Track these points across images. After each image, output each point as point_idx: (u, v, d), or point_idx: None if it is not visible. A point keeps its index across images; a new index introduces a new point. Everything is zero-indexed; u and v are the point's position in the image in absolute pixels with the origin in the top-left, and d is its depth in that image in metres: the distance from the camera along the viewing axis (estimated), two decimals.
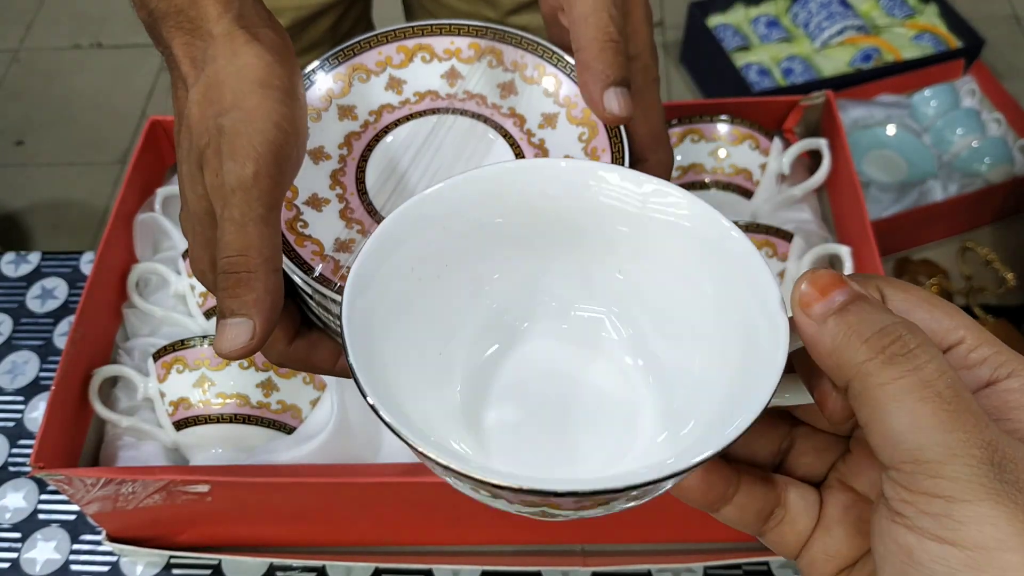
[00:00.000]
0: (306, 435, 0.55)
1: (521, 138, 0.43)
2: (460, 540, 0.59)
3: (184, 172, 0.35)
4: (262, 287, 0.32)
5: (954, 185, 1.29)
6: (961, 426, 0.22)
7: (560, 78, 0.44)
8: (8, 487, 0.64)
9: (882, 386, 0.23)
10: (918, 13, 1.58)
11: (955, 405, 0.22)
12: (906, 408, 0.23)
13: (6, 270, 0.75)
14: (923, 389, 0.23)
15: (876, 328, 0.24)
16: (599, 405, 0.32)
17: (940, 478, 0.22)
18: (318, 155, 0.41)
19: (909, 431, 0.22)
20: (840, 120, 0.67)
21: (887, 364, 0.23)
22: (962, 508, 0.22)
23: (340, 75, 0.43)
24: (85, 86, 1.83)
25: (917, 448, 0.22)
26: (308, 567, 0.59)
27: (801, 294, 0.25)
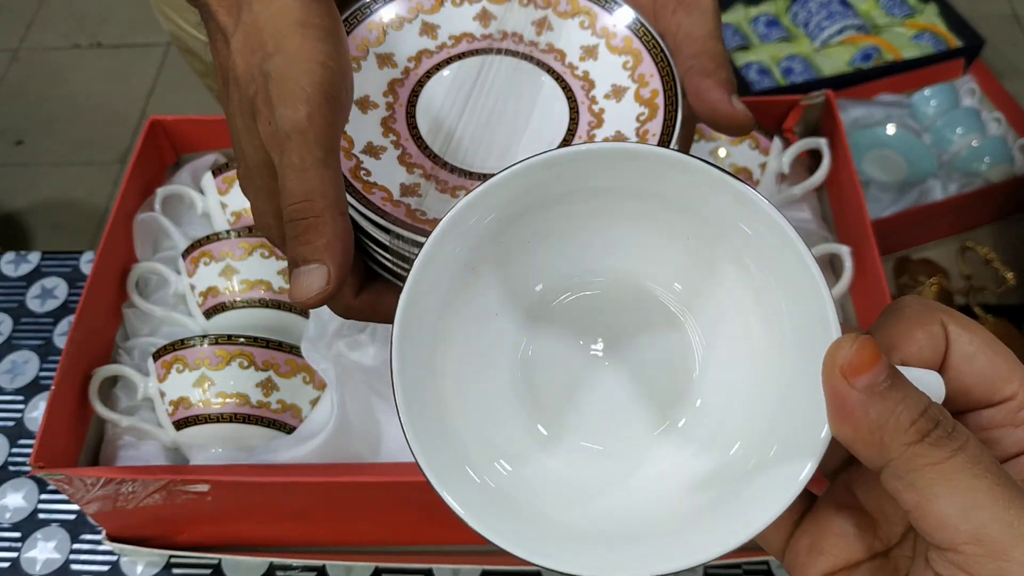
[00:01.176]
0: (306, 434, 0.55)
1: (564, 72, 0.43)
2: (460, 539, 0.59)
3: (239, 126, 0.34)
4: (331, 231, 0.32)
5: (954, 184, 1.29)
6: (1017, 500, 0.22)
7: (594, 9, 0.44)
8: (8, 487, 0.64)
9: (933, 466, 0.22)
10: (918, 12, 1.58)
11: (1004, 479, 0.22)
12: (960, 487, 0.22)
13: (6, 270, 0.75)
14: (974, 466, 0.22)
15: (920, 410, 0.23)
16: (647, 406, 0.31)
17: (1008, 561, 0.21)
18: (365, 104, 0.41)
19: (969, 511, 0.22)
20: (840, 119, 0.67)
21: (934, 446, 0.22)
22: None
23: (374, 24, 0.43)
24: (85, 86, 1.83)
25: (980, 528, 0.22)
26: (308, 566, 0.59)
27: (846, 362, 0.23)
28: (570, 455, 0.31)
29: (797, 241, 0.26)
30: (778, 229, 0.26)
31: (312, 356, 0.55)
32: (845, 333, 0.25)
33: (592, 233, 0.31)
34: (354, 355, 0.56)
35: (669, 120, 0.40)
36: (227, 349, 0.57)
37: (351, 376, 0.55)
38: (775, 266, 0.28)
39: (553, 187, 0.29)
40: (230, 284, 0.61)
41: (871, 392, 0.23)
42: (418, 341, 0.28)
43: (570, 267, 0.32)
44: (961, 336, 0.25)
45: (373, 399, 0.57)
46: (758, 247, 0.28)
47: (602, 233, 0.31)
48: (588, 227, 0.31)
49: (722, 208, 0.28)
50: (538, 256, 0.32)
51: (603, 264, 0.32)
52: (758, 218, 0.27)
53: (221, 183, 0.66)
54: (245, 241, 0.61)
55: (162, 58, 1.88)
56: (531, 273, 0.32)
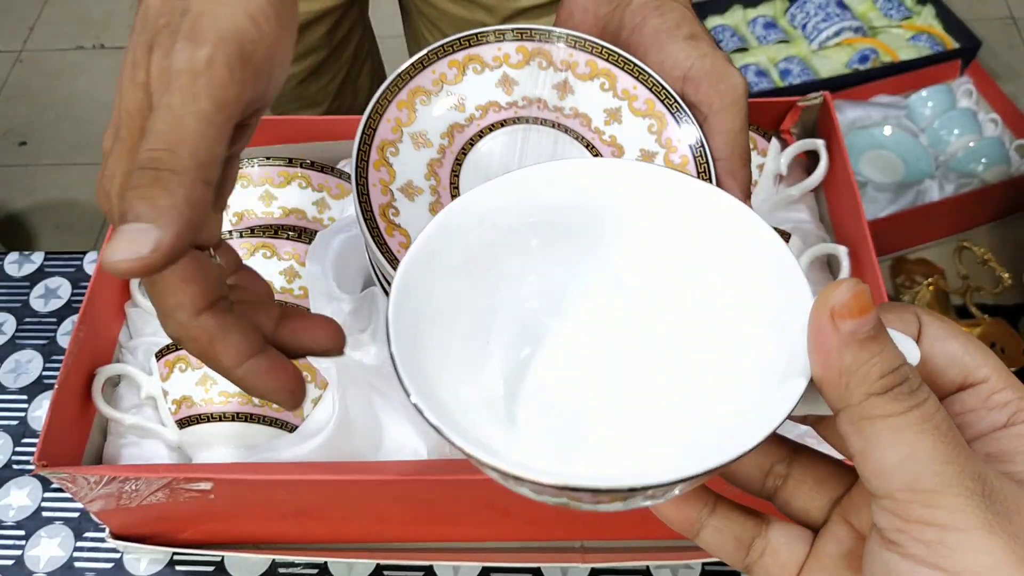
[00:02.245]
0: (308, 433, 0.56)
1: (593, 138, 0.44)
2: (461, 537, 0.60)
3: (127, 62, 0.30)
4: (184, 196, 0.26)
5: (951, 185, 1.30)
6: (956, 458, 0.23)
7: (613, 71, 0.45)
8: (12, 485, 0.64)
9: (885, 418, 0.23)
10: (915, 14, 1.59)
11: (951, 438, 0.23)
12: (906, 439, 0.23)
13: (10, 270, 0.76)
14: (923, 423, 0.23)
15: (892, 366, 0.24)
16: (629, 399, 0.32)
17: (936, 508, 0.23)
18: (411, 191, 0.42)
19: (908, 462, 0.23)
20: (837, 121, 0.68)
21: (892, 400, 0.23)
22: (956, 536, 0.22)
23: (402, 102, 0.44)
24: (88, 87, 1.83)
25: (913, 477, 0.23)
26: (310, 564, 0.59)
27: (838, 303, 0.24)
28: (549, 418, 0.32)
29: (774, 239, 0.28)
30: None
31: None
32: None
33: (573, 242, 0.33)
34: (355, 354, 0.57)
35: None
36: None
37: (352, 375, 0.56)
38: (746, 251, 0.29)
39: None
40: None
41: (852, 338, 0.24)
42: (409, 320, 0.28)
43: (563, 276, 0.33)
44: (933, 324, 0.27)
45: (374, 398, 0.57)
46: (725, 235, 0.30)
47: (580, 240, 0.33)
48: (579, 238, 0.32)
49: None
50: (539, 262, 0.33)
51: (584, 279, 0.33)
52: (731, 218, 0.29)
53: None
54: (247, 242, 0.62)
55: None
56: (526, 278, 0.33)
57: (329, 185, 0.66)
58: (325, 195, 0.66)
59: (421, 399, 0.26)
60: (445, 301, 0.30)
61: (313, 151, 0.70)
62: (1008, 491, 0.23)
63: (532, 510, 0.56)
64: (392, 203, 0.41)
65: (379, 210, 0.40)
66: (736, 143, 0.43)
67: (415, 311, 0.28)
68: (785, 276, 0.27)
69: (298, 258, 0.62)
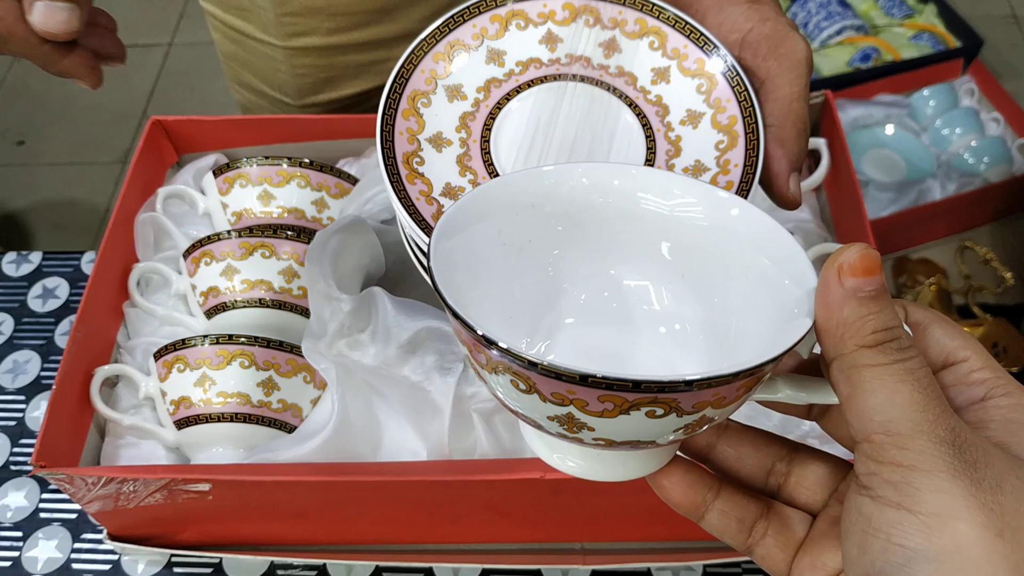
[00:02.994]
0: (307, 434, 0.55)
1: (637, 96, 0.43)
2: (460, 538, 0.59)
3: None
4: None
5: (952, 184, 1.30)
6: (931, 408, 0.25)
7: (664, 30, 0.44)
8: (9, 486, 0.64)
9: (870, 367, 0.25)
10: (917, 13, 1.58)
11: (929, 392, 0.25)
12: (887, 386, 0.25)
13: (7, 270, 0.75)
14: (905, 375, 0.25)
15: (885, 324, 0.26)
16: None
17: (906, 449, 0.24)
18: (439, 142, 0.41)
19: (885, 406, 0.25)
20: (839, 120, 0.68)
21: (880, 352, 0.25)
22: (921, 477, 0.24)
23: (439, 54, 0.43)
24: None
25: (889, 421, 0.25)
26: (309, 565, 0.59)
27: (846, 262, 0.26)
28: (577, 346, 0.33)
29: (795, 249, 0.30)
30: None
31: (313, 355, 0.55)
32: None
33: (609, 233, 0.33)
34: (355, 354, 0.56)
35: (752, 150, 0.40)
36: (228, 349, 0.57)
37: (352, 376, 0.55)
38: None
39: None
40: (231, 284, 0.62)
41: (853, 294, 0.26)
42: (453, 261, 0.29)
43: (586, 264, 0.34)
44: (917, 311, 0.29)
45: (374, 398, 0.57)
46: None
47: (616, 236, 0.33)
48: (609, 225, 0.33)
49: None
50: (568, 245, 0.33)
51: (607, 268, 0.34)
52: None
53: (222, 183, 0.67)
54: (246, 241, 0.61)
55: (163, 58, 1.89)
56: (556, 256, 0.33)
57: (328, 184, 0.66)
58: (324, 194, 0.66)
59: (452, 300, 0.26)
60: (481, 262, 0.31)
61: (312, 150, 0.70)
62: (980, 446, 0.25)
63: (532, 511, 0.56)
64: (418, 152, 0.40)
65: (403, 157, 0.39)
66: (791, 110, 0.41)
67: (452, 258, 0.29)
68: (794, 267, 0.29)
69: (297, 258, 0.62)
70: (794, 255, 0.30)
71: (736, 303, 0.32)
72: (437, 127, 0.41)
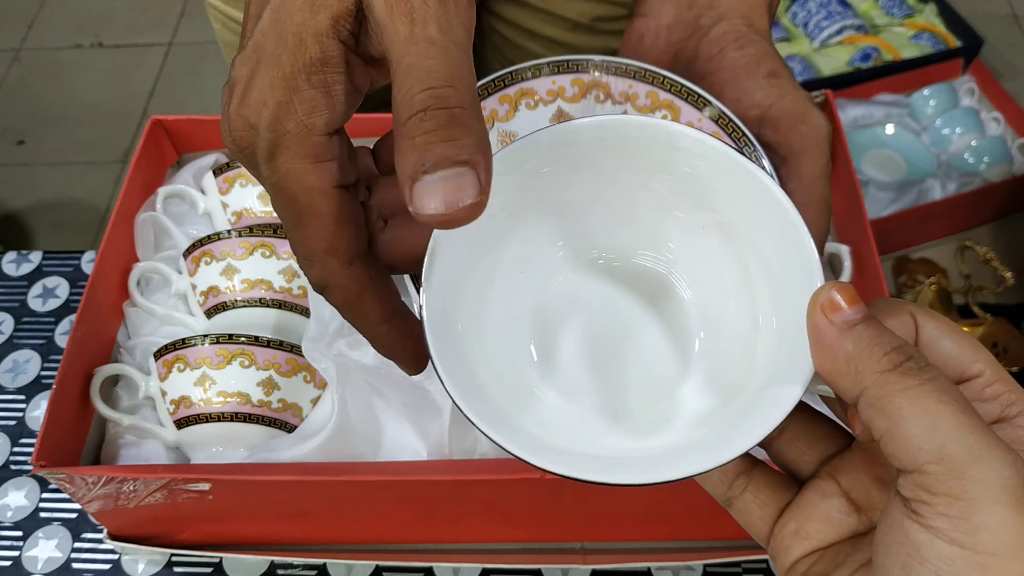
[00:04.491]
0: (307, 433, 0.55)
1: None
2: (460, 538, 0.59)
3: None
4: (480, 129, 0.25)
5: (953, 184, 1.30)
6: (980, 428, 0.23)
7: (677, 103, 0.43)
8: (9, 485, 0.64)
9: (902, 391, 0.23)
10: (917, 12, 1.58)
11: (971, 410, 0.23)
12: (927, 409, 0.23)
13: (7, 269, 0.75)
14: (941, 393, 0.23)
15: (893, 344, 0.24)
16: (652, 358, 0.33)
17: (965, 480, 0.22)
18: None
19: (932, 432, 0.23)
20: (839, 119, 0.68)
21: (905, 375, 0.24)
22: (982, 513, 0.22)
23: None
24: (86, 85, 1.83)
25: (940, 447, 0.23)
26: (309, 565, 0.59)
27: (827, 300, 0.25)
28: (572, 398, 0.32)
29: (786, 204, 0.29)
30: (767, 193, 0.29)
31: (313, 355, 0.55)
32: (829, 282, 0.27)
33: (606, 201, 0.33)
34: (355, 354, 0.56)
35: None
36: (228, 348, 0.57)
37: (352, 375, 0.55)
38: (765, 226, 0.30)
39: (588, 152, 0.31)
40: (231, 283, 0.62)
41: (847, 327, 0.25)
42: (444, 278, 0.29)
43: (584, 237, 0.33)
44: (928, 323, 0.27)
45: (374, 398, 0.57)
46: (748, 212, 0.30)
47: (613, 199, 0.33)
48: (605, 192, 0.32)
49: (706, 175, 0.30)
50: (561, 221, 0.33)
51: (611, 236, 0.34)
52: (748, 187, 0.29)
53: (222, 183, 0.67)
54: (246, 241, 0.61)
55: (163, 58, 1.88)
56: (555, 233, 0.33)
57: None
58: None
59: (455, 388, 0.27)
60: (487, 241, 0.30)
61: None
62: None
63: (533, 511, 0.56)
64: None
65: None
66: (815, 189, 0.40)
67: (449, 263, 0.29)
68: (805, 271, 0.28)
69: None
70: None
71: (743, 288, 0.32)
72: None
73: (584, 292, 0.34)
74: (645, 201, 0.32)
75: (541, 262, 0.33)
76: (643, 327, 0.33)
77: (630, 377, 0.32)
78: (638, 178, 0.32)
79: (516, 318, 0.32)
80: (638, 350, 0.33)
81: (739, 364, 0.31)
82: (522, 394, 0.31)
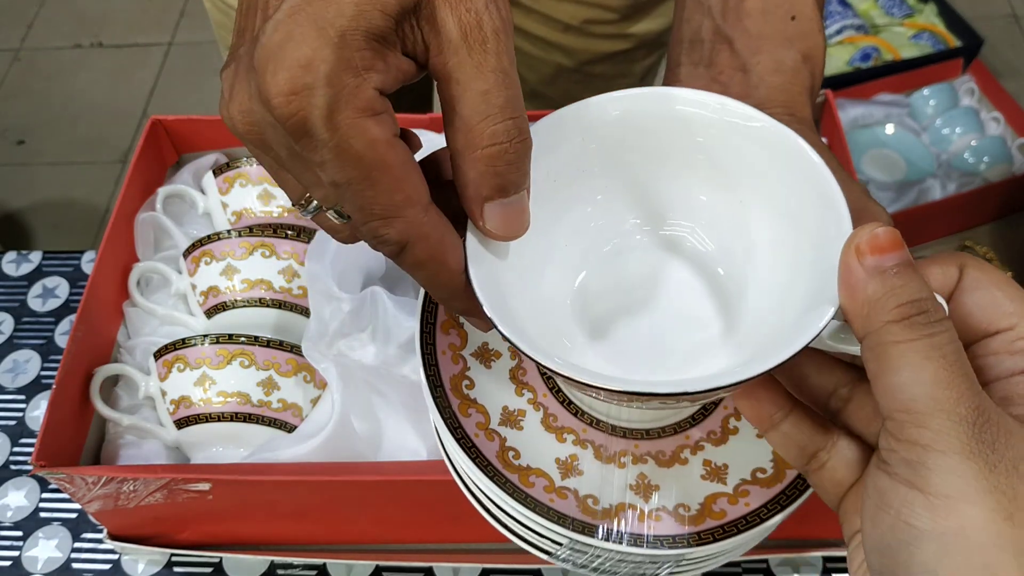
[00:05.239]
0: (307, 433, 0.55)
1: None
2: (461, 538, 0.59)
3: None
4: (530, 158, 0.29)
5: (953, 184, 1.30)
6: (955, 385, 0.24)
7: None
8: (9, 485, 0.64)
9: (897, 343, 0.25)
10: (917, 12, 1.58)
11: (956, 368, 0.25)
12: (913, 363, 0.25)
13: (7, 269, 0.75)
14: (931, 350, 0.25)
15: (911, 297, 0.25)
16: (684, 307, 0.35)
17: (924, 428, 0.24)
18: (486, 356, 0.39)
19: (909, 384, 0.25)
20: (839, 119, 0.67)
21: (907, 327, 0.25)
22: (935, 457, 0.24)
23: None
24: (86, 85, 1.83)
25: (911, 399, 0.25)
26: (309, 565, 0.59)
27: (860, 243, 0.26)
28: (608, 343, 0.34)
29: (816, 161, 0.31)
30: (799, 153, 0.31)
31: (313, 355, 0.55)
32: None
33: (637, 169, 0.35)
34: (355, 354, 0.56)
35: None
36: (228, 348, 0.57)
37: (352, 375, 0.55)
38: (799, 189, 0.32)
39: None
40: (231, 283, 0.62)
41: (874, 271, 0.26)
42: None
43: (623, 203, 0.35)
44: (971, 273, 0.28)
45: (374, 398, 0.57)
46: (781, 174, 0.32)
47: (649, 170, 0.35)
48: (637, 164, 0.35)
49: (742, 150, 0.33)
50: (603, 190, 0.35)
51: (648, 206, 0.36)
52: (782, 152, 0.32)
53: (222, 183, 0.67)
54: (246, 241, 0.61)
55: (163, 58, 1.88)
56: (592, 203, 0.35)
57: None
58: None
59: (496, 314, 0.28)
60: (535, 203, 0.31)
61: None
62: (1004, 426, 0.24)
63: None
64: (465, 372, 0.36)
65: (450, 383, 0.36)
66: (863, 207, 0.40)
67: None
68: (830, 213, 0.30)
69: (297, 257, 0.62)
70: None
71: (767, 233, 0.33)
72: (482, 337, 0.38)
73: (620, 258, 0.35)
74: (676, 171, 0.34)
75: (581, 229, 0.35)
76: (676, 284, 0.35)
77: (664, 329, 0.34)
78: (674, 150, 0.34)
79: (556, 276, 0.34)
80: (671, 304, 0.34)
81: (768, 312, 0.32)
82: (560, 340, 0.33)
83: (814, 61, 0.44)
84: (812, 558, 0.57)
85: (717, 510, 0.33)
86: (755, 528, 0.33)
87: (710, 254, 0.35)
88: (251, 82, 0.28)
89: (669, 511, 0.33)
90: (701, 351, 0.33)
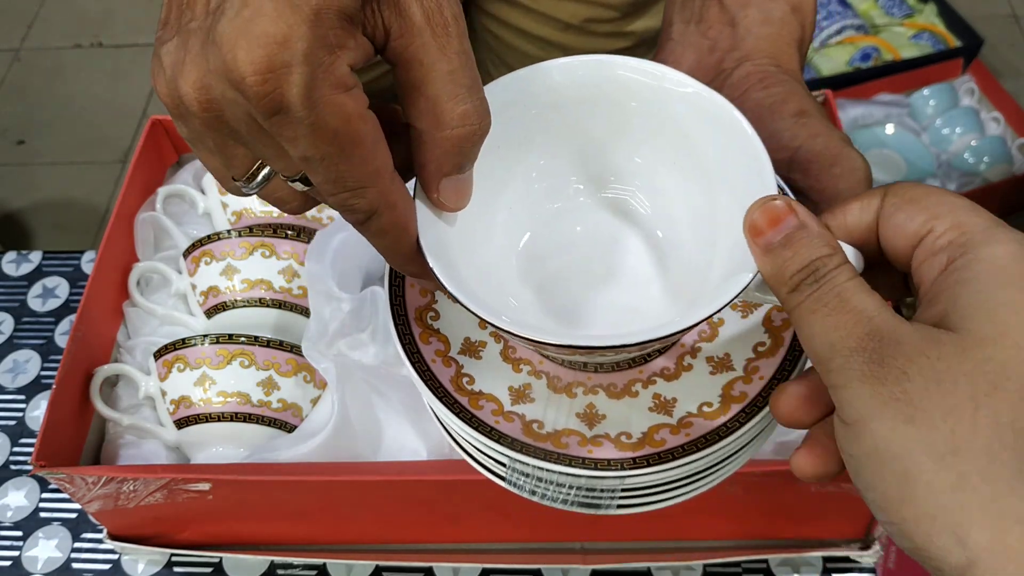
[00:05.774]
0: (307, 433, 0.55)
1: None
2: (460, 538, 0.59)
3: None
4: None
5: (953, 184, 1.30)
6: (840, 327, 0.26)
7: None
8: (9, 485, 0.64)
9: (795, 308, 0.28)
10: (917, 12, 1.58)
11: (838, 311, 0.27)
12: (806, 321, 0.27)
13: (7, 269, 0.75)
14: (814, 304, 0.27)
15: (799, 266, 0.28)
16: (625, 266, 0.36)
17: (830, 371, 0.27)
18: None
19: (809, 338, 0.27)
20: (839, 119, 0.67)
21: (798, 293, 0.28)
22: (842, 392, 0.26)
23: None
24: (86, 85, 1.83)
25: (815, 351, 0.27)
26: (309, 565, 0.59)
27: (752, 223, 0.29)
28: (548, 299, 0.36)
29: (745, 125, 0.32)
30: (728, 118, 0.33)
31: (312, 355, 0.55)
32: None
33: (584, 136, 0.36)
34: (354, 354, 0.56)
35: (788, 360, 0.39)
36: (228, 348, 0.57)
37: (351, 375, 0.55)
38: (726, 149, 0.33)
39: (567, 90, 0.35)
40: (231, 283, 0.62)
41: (765, 249, 0.28)
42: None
43: (566, 167, 0.37)
44: (890, 200, 0.30)
45: (373, 398, 0.57)
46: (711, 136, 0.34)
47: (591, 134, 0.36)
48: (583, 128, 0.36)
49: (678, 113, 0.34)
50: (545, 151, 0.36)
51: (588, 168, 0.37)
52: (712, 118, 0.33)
53: None
54: (246, 241, 0.62)
55: None
56: (537, 165, 0.36)
57: None
58: None
59: (445, 275, 0.30)
60: (483, 172, 0.33)
61: None
62: (895, 338, 0.26)
63: (532, 511, 0.56)
64: (432, 305, 0.37)
65: (415, 313, 0.37)
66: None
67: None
68: (755, 178, 0.31)
69: (297, 257, 0.62)
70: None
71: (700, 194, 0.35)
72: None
73: (563, 219, 0.37)
74: (615, 136, 0.36)
75: (525, 193, 0.37)
76: (618, 245, 0.37)
77: (607, 287, 0.36)
78: (613, 115, 0.35)
79: (502, 238, 0.36)
80: (613, 263, 0.36)
81: (700, 269, 0.34)
82: (506, 299, 0.35)
83: (803, 12, 0.43)
84: (812, 558, 0.57)
85: (658, 439, 0.34)
86: (691, 455, 0.33)
87: (648, 216, 0.37)
88: (209, 58, 0.27)
89: (612, 438, 0.34)
90: (641, 307, 0.35)
